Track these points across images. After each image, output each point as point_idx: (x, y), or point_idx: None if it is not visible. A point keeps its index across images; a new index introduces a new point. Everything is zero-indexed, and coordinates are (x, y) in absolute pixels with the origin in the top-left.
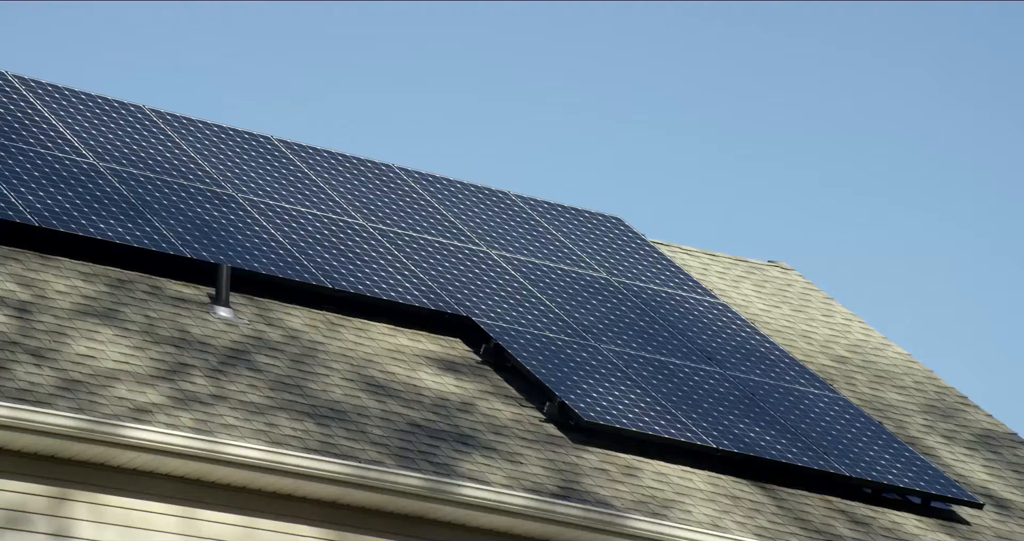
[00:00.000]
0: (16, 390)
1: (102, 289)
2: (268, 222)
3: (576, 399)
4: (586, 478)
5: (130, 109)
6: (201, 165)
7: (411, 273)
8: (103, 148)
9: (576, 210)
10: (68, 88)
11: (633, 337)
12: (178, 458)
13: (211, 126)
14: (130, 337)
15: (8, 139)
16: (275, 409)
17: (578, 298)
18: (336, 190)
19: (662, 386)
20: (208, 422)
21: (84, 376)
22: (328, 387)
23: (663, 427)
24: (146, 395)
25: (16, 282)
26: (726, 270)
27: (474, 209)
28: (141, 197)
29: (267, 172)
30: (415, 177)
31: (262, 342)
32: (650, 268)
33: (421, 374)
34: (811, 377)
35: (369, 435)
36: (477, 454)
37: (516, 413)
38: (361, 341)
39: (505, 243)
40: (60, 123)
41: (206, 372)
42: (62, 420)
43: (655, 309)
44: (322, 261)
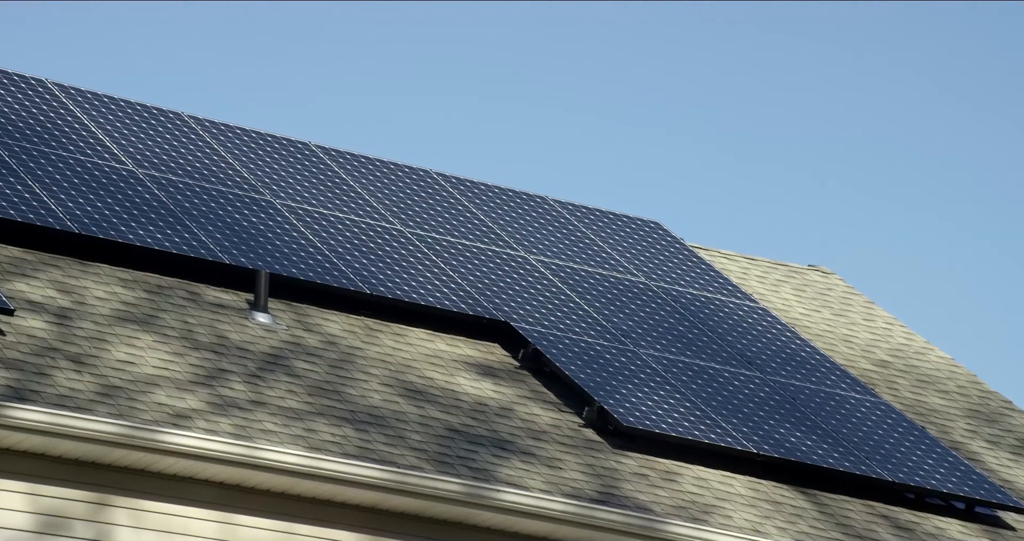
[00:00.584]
0: (56, 396)
1: (141, 295)
2: (306, 228)
3: (615, 404)
4: (625, 483)
5: (169, 116)
6: (239, 171)
7: (449, 278)
8: (142, 155)
9: (614, 214)
10: (107, 95)
11: (672, 341)
12: (217, 464)
13: (249, 132)
14: (169, 343)
15: (48, 146)
16: (313, 415)
17: (617, 303)
18: (374, 195)
19: (701, 391)
20: (247, 428)
21: (124, 382)
22: (366, 392)
23: (703, 432)
24: (185, 401)
25: (56, 289)
26: (765, 274)
27: (512, 214)
28: (180, 203)
29: (305, 178)
30: (452, 182)
31: (300, 348)
32: (689, 272)
33: (459, 379)
34: (852, 381)
35: (407, 440)
36: (516, 459)
37: (555, 418)
38: (399, 346)
39: (543, 248)
40: (99, 130)
41: (245, 378)
42: (102, 426)
43: (694, 314)
44: (360, 266)
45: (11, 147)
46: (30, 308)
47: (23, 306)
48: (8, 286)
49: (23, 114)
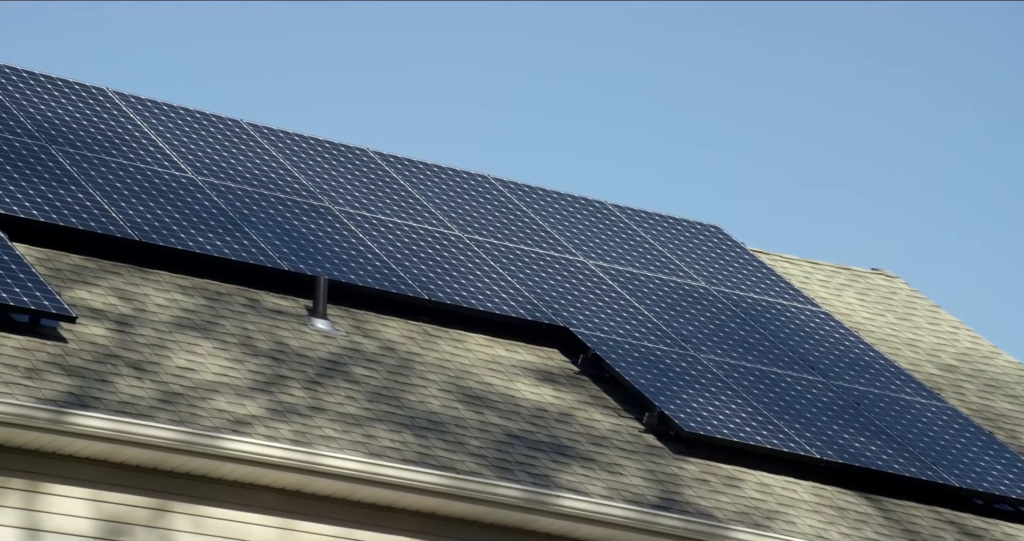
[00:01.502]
0: (118, 403)
1: (201, 302)
2: (364, 234)
3: (676, 409)
4: (687, 489)
5: (227, 123)
6: (297, 178)
7: (508, 284)
8: (201, 162)
9: (674, 219)
10: (167, 103)
11: (734, 346)
12: (277, 470)
13: (307, 139)
14: (229, 350)
15: (109, 155)
16: (373, 421)
17: (677, 307)
18: (432, 201)
19: (764, 396)
20: (306, 434)
21: (184, 389)
22: (425, 398)
23: (765, 437)
24: (245, 407)
25: (117, 296)
26: (828, 278)
27: (571, 219)
28: (239, 210)
29: (363, 184)
30: (511, 187)
31: (359, 354)
32: (750, 277)
33: (519, 385)
34: (918, 386)
35: (467, 446)
36: (576, 465)
37: (615, 423)
38: (458, 352)
39: (602, 253)
40: (159, 138)
41: (304, 384)
42: (163, 432)
43: (756, 318)
44: (419, 272)
45: (72, 156)
46: (92, 315)
47: (85, 313)
48: (70, 294)
49: (84, 123)
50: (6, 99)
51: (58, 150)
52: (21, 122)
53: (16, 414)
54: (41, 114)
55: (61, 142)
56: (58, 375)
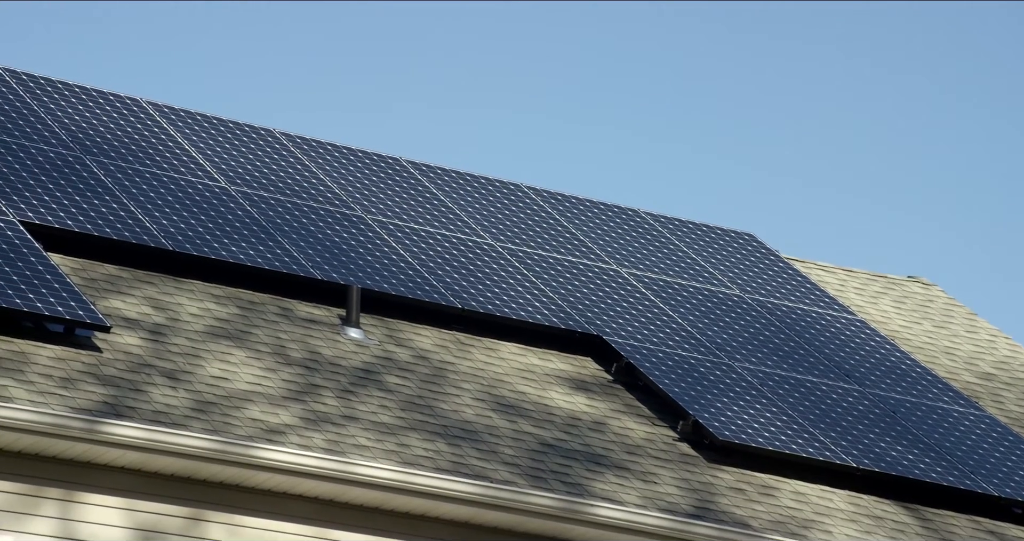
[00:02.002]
0: (152, 412)
1: (234, 311)
2: (397, 243)
3: (710, 418)
4: (722, 498)
5: (260, 133)
6: (330, 187)
7: (541, 292)
8: (234, 172)
9: (708, 227)
10: (200, 113)
11: (768, 355)
12: (311, 479)
13: (340, 148)
14: (262, 359)
15: (142, 165)
16: (406, 429)
17: (711, 316)
18: (464, 210)
19: (799, 404)
20: (340, 443)
21: (218, 398)
22: (459, 407)
23: (800, 446)
24: (278, 416)
25: (151, 305)
26: (864, 286)
27: (603, 227)
28: (272, 220)
29: (395, 193)
30: (544, 195)
31: (392, 363)
32: (785, 285)
33: (552, 393)
34: (955, 394)
35: (501, 455)
36: (610, 474)
37: (649, 432)
38: (491, 361)
39: (635, 261)
40: (192, 148)
41: (337, 393)
42: (197, 442)
43: (791, 326)
44: (451, 281)
45: (107, 166)
46: (126, 325)
47: (119, 323)
48: (104, 303)
49: (118, 133)
50: (41, 110)
51: (93, 160)
52: (56, 133)
53: (51, 424)
54: (76, 125)
55: (96, 152)
56: (93, 385)
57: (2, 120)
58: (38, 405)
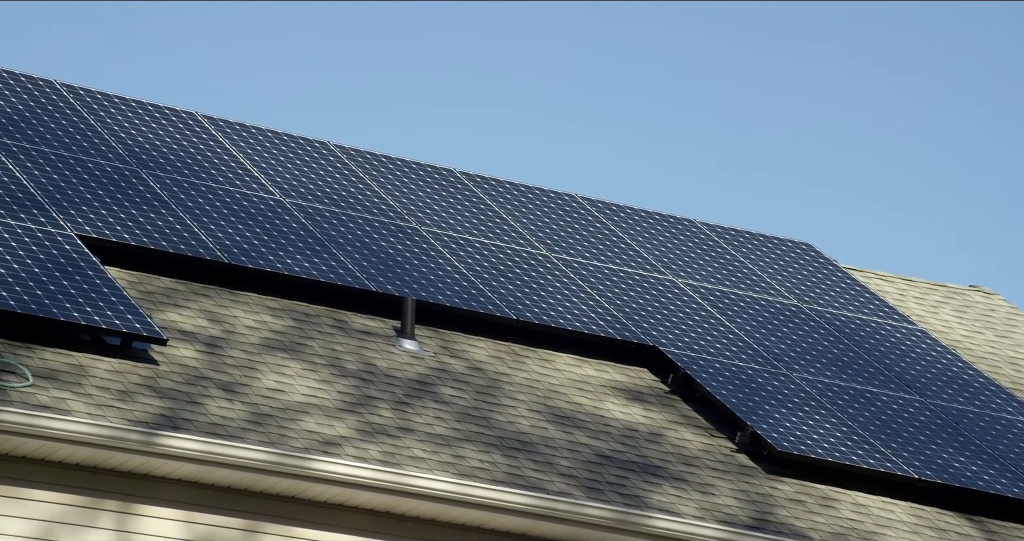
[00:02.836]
0: (208, 424)
1: (289, 323)
2: (452, 254)
3: (769, 428)
4: (781, 509)
5: (315, 145)
6: (384, 199)
7: (596, 303)
8: (289, 184)
9: (764, 237)
10: (255, 126)
11: (827, 365)
12: (367, 491)
13: (394, 160)
14: (317, 371)
15: (198, 178)
16: (461, 441)
17: (768, 326)
18: (519, 221)
19: (859, 415)
20: (396, 454)
21: (273, 410)
22: (514, 418)
23: (861, 457)
24: (334, 428)
25: (207, 318)
26: (924, 296)
27: (659, 237)
28: (327, 232)
29: (449, 204)
30: (599, 206)
31: (447, 374)
32: (843, 294)
33: (608, 404)
34: (1020, 405)
35: (557, 466)
36: (667, 485)
37: (706, 443)
38: (547, 372)
39: (691, 271)
40: (248, 161)
41: (392, 405)
42: (253, 454)
43: (849, 336)
44: (506, 292)
45: (163, 180)
46: (182, 338)
47: (175, 336)
48: (161, 316)
49: (174, 147)
50: (98, 124)
51: (149, 174)
52: (113, 147)
53: (109, 436)
54: (132, 139)
55: (152, 166)
56: (150, 397)
57: (60, 135)
58: (96, 418)
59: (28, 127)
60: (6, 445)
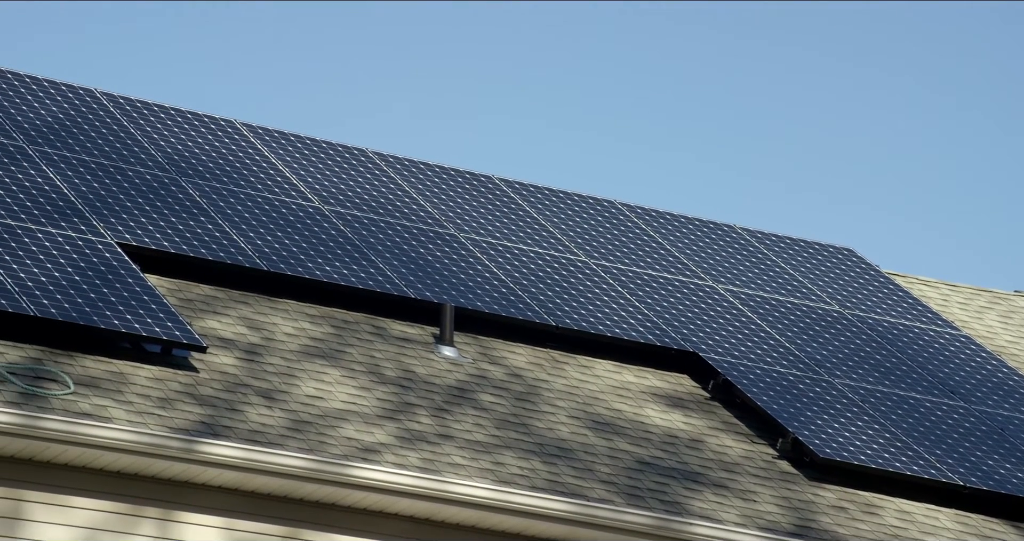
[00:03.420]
0: (248, 431)
1: (328, 330)
2: (490, 261)
3: (810, 435)
4: (823, 516)
5: (353, 152)
6: (423, 206)
7: (636, 309)
8: (327, 191)
9: (806, 242)
10: (293, 134)
11: (869, 371)
12: (406, 497)
13: (432, 167)
14: (356, 378)
15: (237, 186)
16: (501, 448)
17: (809, 331)
18: (557, 227)
19: (902, 421)
20: (435, 461)
21: (313, 417)
22: (554, 425)
23: (904, 463)
24: (373, 435)
25: (246, 325)
26: (968, 301)
27: (699, 243)
28: (365, 239)
29: (488, 211)
30: (638, 212)
31: (487, 381)
32: (886, 300)
33: (648, 411)
34: None
35: (597, 473)
36: (708, 492)
37: (747, 450)
38: (586, 378)
39: (732, 277)
40: (286, 168)
41: (432, 411)
42: (293, 461)
43: (892, 342)
44: (545, 299)
45: (202, 187)
46: (222, 345)
47: (215, 343)
48: (200, 324)
49: (213, 154)
50: (138, 133)
51: (188, 182)
52: (152, 155)
53: (149, 443)
54: (171, 147)
55: (191, 174)
56: (190, 404)
57: (100, 143)
58: (136, 425)
59: (68, 136)
60: (48, 453)
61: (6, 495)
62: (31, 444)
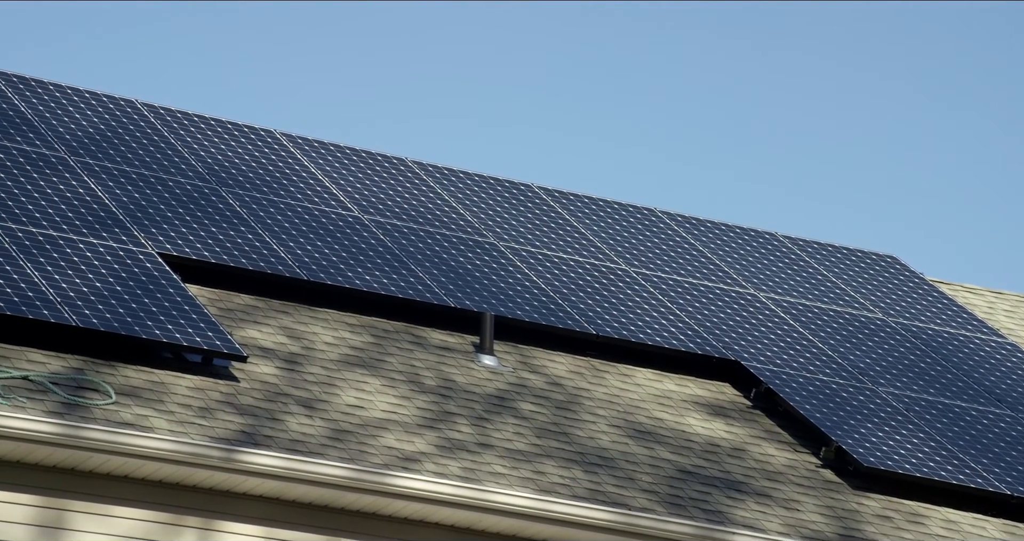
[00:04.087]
0: (289, 441)
1: (368, 340)
2: (530, 269)
3: (854, 444)
4: (868, 526)
5: (392, 162)
6: (463, 214)
7: (676, 317)
8: (367, 201)
9: (848, 250)
10: (333, 143)
11: (914, 379)
12: (447, 507)
13: (471, 175)
14: (396, 387)
15: (277, 195)
16: (541, 457)
17: (853, 340)
18: (597, 235)
19: (947, 430)
20: (475, 470)
21: (353, 426)
22: (594, 434)
23: (950, 472)
24: (414, 444)
25: (286, 335)
26: (1014, 308)
27: (740, 251)
28: (404, 248)
29: (527, 219)
30: (678, 220)
31: (527, 389)
32: (930, 307)
33: (689, 419)
34: None
35: (638, 482)
36: (751, 501)
37: (790, 458)
38: (627, 387)
39: (773, 285)
40: (326, 178)
41: (472, 420)
42: (333, 470)
43: (936, 350)
44: (585, 307)
45: (241, 197)
46: (262, 354)
47: (255, 353)
48: (241, 333)
49: (252, 164)
50: (178, 143)
51: (228, 192)
52: (192, 165)
53: (191, 453)
54: (211, 157)
55: (231, 184)
56: (230, 414)
57: (141, 154)
58: (178, 435)
59: (110, 146)
60: (90, 462)
61: (49, 504)
62: (74, 454)
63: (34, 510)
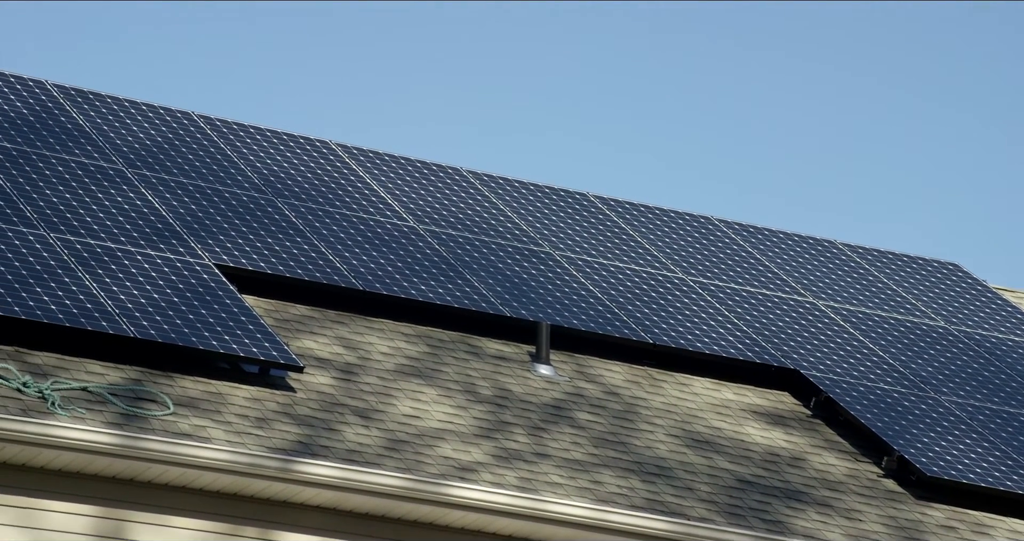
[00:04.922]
0: (345, 451)
1: (424, 350)
2: (586, 278)
3: (917, 453)
4: (931, 536)
5: (447, 171)
6: (518, 224)
7: (734, 326)
8: (422, 210)
9: (909, 257)
10: (388, 153)
11: (977, 388)
12: (504, 517)
13: (526, 184)
14: (452, 397)
15: (332, 206)
16: (599, 466)
17: (914, 348)
18: (654, 244)
19: (1012, 439)
20: (532, 480)
21: (409, 436)
22: (652, 443)
23: (1016, 482)
24: (470, 454)
25: (342, 345)
26: None
27: (798, 259)
28: (460, 258)
29: (583, 228)
30: (735, 228)
31: (583, 399)
32: (994, 315)
33: (748, 429)
34: None
35: (696, 492)
36: (812, 510)
37: (851, 468)
38: (684, 396)
39: (832, 293)
40: (381, 188)
41: (528, 430)
42: (390, 480)
43: (1000, 358)
44: (642, 316)
45: (297, 208)
46: (318, 365)
47: (312, 363)
48: (297, 344)
49: (308, 175)
50: (234, 154)
51: (284, 203)
52: (248, 176)
53: (248, 463)
54: (267, 168)
55: (287, 195)
56: (287, 424)
57: (197, 165)
58: (235, 445)
59: (167, 158)
60: (148, 473)
61: (109, 515)
62: (133, 465)
63: (94, 521)
